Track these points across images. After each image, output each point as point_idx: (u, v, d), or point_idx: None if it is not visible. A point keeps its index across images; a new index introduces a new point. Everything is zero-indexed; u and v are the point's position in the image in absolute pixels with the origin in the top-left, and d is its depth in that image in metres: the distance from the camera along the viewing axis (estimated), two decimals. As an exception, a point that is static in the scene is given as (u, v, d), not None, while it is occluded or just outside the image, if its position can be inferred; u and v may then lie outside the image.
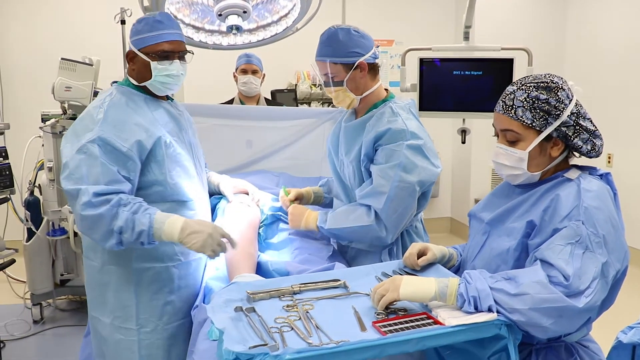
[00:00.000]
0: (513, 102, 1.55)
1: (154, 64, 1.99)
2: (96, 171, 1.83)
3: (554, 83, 1.53)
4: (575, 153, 1.59)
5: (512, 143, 1.57)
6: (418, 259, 1.74)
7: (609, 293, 1.44)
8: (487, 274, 1.48)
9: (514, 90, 1.56)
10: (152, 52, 2.00)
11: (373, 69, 2.16)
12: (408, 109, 2.17)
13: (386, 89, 2.25)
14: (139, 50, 2.01)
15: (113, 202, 1.81)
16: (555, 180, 1.56)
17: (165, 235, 1.84)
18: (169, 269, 2.03)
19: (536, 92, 1.52)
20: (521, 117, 1.53)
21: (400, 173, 2.03)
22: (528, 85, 1.55)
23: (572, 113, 1.52)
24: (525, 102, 1.53)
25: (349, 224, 2.10)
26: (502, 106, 1.57)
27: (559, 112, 1.51)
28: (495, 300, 1.40)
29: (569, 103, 1.52)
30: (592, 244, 1.40)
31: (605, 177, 1.57)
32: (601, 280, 1.39)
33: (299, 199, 2.42)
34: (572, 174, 1.56)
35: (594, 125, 1.55)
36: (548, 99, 1.51)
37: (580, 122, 1.53)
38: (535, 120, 1.52)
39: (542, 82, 1.54)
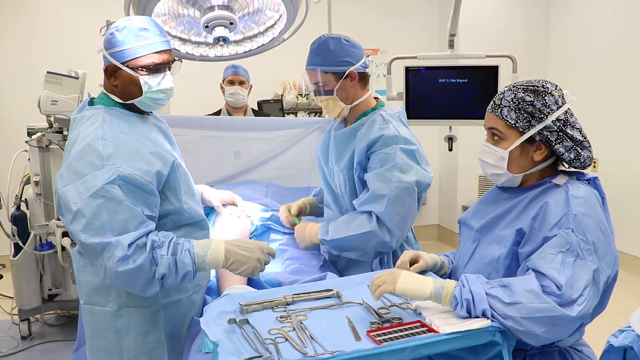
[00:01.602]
0: (501, 101, 1.58)
1: (143, 79, 1.75)
2: (122, 217, 1.61)
3: (543, 87, 1.55)
4: (564, 163, 1.60)
5: (497, 142, 1.60)
6: (410, 267, 1.75)
7: (601, 298, 1.45)
8: (484, 279, 1.49)
9: (504, 91, 1.60)
10: (141, 65, 1.74)
11: (363, 78, 2.17)
12: (398, 117, 2.18)
13: (376, 98, 2.27)
14: (122, 63, 1.74)
15: (148, 246, 1.62)
16: (543, 187, 1.57)
17: (209, 266, 1.73)
18: (192, 296, 1.90)
19: (523, 94, 1.55)
20: (506, 116, 1.56)
21: (397, 174, 2.03)
22: (518, 87, 1.58)
23: (558, 119, 1.53)
24: (511, 103, 1.56)
25: (351, 232, 2.08)
26: (492, 105, 1.61)
27: (542, 116, 1.53)
28: (489, 306, 1.41)
29: (556, 109, 1.53)
30: (582, 252, 1.41)
31: (593, 182, 1.59)
32: (593, 288, 1.40)
33: (301, 213, 2.42)
34: (560, 179, 1.57)
35: (582, 136, 1.56)
36: (533, 101, 1.53)
37: (567, 130, 1.53)
38: (518, 121, 1.54)
39: (532, 86, 1.56)
